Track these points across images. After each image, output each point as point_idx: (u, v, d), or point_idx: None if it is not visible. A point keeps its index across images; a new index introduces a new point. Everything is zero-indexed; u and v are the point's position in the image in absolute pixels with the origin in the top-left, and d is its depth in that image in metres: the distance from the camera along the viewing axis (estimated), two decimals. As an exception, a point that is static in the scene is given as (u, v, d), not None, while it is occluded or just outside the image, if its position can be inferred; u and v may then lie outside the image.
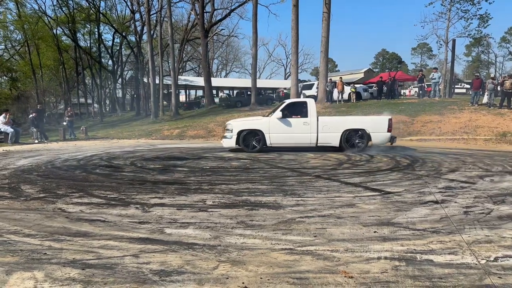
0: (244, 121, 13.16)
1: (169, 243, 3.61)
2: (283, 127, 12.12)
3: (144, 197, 5.72)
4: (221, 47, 68.35)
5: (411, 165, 8.81)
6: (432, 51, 79.94)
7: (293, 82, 26.44)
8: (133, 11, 41.23)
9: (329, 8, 24.30)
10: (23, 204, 5.37)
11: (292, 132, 12.12)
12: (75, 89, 48.26)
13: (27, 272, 2.99)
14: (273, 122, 12.17)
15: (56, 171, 8.68)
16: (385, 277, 2.83)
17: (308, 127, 12.12)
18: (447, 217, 4.40)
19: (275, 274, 2.90)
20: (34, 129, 20.53)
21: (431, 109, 19.51)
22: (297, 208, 4.91)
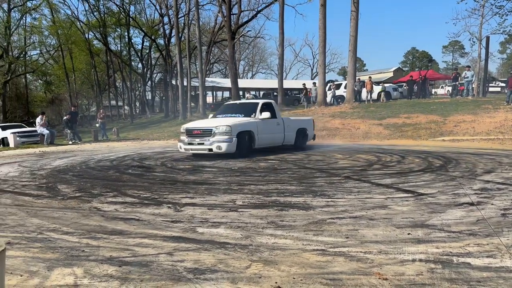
0: (234, 121, 11.30)
1: (201, 242, 3.67)
2: (266, 127, 11.82)
3: (176, 196, 5.83)
4: (247, 49, 68.66)
5: (444, 166, 8.60)
6: (464, 49, 77.62)
7: (320, 82, 26.27)
8: (161, 15, 42.06)
9: (357, 6, 24.01)
10: (61, 203, 5.57)
11: (271, 133, 12.05)
12: (106, 92, 49.57)
13: (67, 268, 3.10)
14: (260, 123, 11.62)
15: (90, 171, 8.95)
16: (420, 279, 2.78)
17: (280, 127, 12.40)
18: (484, 219, 4.27)
19: (307, 275, 2.90)
20: (68, 130, 21.23)
21: (464, 108, 18.96)
22: (327, 209, 4.88)
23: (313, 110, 24.57)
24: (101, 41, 42.81)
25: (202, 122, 12.51)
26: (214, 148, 10.65)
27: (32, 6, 36.99)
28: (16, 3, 36.38)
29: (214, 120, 11.82)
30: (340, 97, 28.41)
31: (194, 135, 11.19)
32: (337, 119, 20.92)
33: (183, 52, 36.15)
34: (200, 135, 11.04)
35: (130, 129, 31.95)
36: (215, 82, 52.59)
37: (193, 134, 11.23)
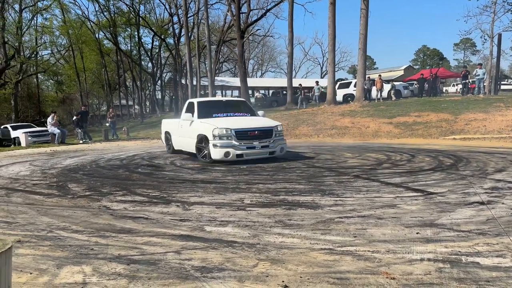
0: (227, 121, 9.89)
1: (209, 241, 3.68)
2: None
3: (184, 195, 5.85)
4: (256, 47, 68.62)
5: (454, 165, 8.51)
6: (476, 46, 76.63)
7: (330, 81, 26.15)
8: (171, 14, 42.25)
9: (367, 4, 23.84)
10: (71, 202, 5.63)
11: None
12: (116, 91, 49.99)
13: (76, 266, 3.14)
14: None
15: (100, 170, 9.03)
16: (428, 279, 2.76)
17: None
18: (494, 219, 4.22)
19: (315, 274, 2.90)
20: (78, 130, 21.45)
21: (475, 106, 18.72)
22: (335, 208, 4.86)
23: (322, 109, 24.47)
24: (111, 41, 43.16)
25: (232, 121, 9.98)
26: (278, 151, 9.79)
27: (43, 7, 37.39)
28: (27, 3, 36.81)
29: (241, 120, 10.44)
30: (350, 96, 28.26)
31: (251, 137, 9.48)
32: (346, 117, 20.81)
33: (193, 52, 36.28)
34: (259, 137, 9.55)
35: (140, 128, 32.16)
36: (225, 81, 52.65)
37: (248, 136, 9.47)
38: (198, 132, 9.95)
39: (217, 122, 9.72)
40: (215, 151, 9.26)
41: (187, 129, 10.64)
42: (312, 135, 19.19)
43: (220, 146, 9.22)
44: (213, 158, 9.36)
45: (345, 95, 28.83)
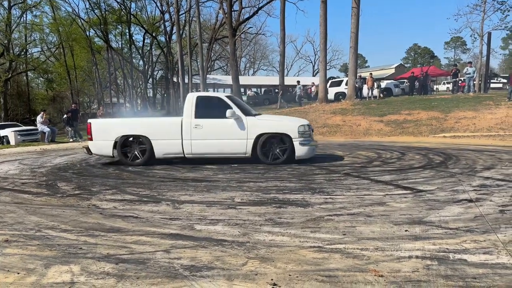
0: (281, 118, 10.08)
1: (199, 239, 3.67)
2: None
3: (175, 194, 5.84)
4: (248, 45, 68.57)
5: (444, 162, 8.58)
6: (466, 45, 77.45)
7: (321, 79, 26.23)
8: (162, 12, 42.01)
9: (359, 3, 23.93)
10: (60, 201, 5.58)
11: None
12: (107, 89, 49.64)
13: (64, 265, 3.11)
14: None
15: (90, 169, 8.97)
16: (416, 276, 2.78)
17: None
18: (481, 216, 4.27)
19: (303, 272, 2.91)
20: (69, 128, 21.27)
21: (465, 105, 18.91)
22: (325, 206, 4.88)
23: (314, 107, 24.54)
24: (102, 39, 42.83)
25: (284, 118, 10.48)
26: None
27: (33, 4, 37.00)
28: (17, 0, 36.37)
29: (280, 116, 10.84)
30: (341, 94, 28.38)
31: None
32: (338, 115, 20.90)
33: (184, 49, 36.12)
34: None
35: (131, 126, 31.96)
36: (217, 79, 52.59)
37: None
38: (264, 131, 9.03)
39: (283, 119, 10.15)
40: (303, 149, 8.95)
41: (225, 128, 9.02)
42: (304, 133, 19.20)
43: (307, 144, 9.05)
44: (298, 156, 9.01)
45: (337, 93, 28.97)
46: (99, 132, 9.38)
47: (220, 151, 9.13)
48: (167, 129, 9.18)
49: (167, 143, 9.14)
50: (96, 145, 9.39)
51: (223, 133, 9.03)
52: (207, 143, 9.04)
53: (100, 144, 9.35)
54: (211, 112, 9.11)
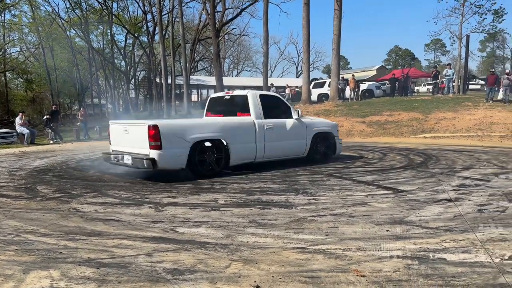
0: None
1: (181, 242, 3.65)
2: None
3: (157, 196, 5.78)
4: (232, 46, 68.44)
5: (424, 163, 8.73)
6: (446, 47, 78.79)
7: (304, 80, 26.36)
8: (145, 12, 41.60)
9: (341, 5, 24.16)
10: (39, 204, 5.47)
11: None
12: (89, 90, 48.88)
13: (43, 271, 3.05)
14: None
15: (71, 171, 8.82)
16: (397, 276, 2.82)
17: None
18: (460, 215, 4.35)
19: (287, 273, 2.92)
20: (49, 130, 20.86)
21: (445, 106, 19.27)
22: (309, 207, 4.91)
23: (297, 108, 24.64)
24: (83, 39, 42.11)
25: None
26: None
27: (11, 3, 36.19)
28: (-6, -1, 35.55)
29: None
30: (324, 95, 28.58)
31: None
32: (321, 117, 21.01)
33: (167, 50, 35.87)
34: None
35: (113, 128, 31.54)
36: (200, 80, 52.36)
37: None
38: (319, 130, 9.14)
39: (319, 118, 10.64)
40: (340, 146, 9.59)
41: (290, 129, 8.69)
42: (287, 134, 19.28)
43: (340, 141, 9.66)
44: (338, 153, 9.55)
45: (320, 95, 29.15)
46: (172, 138, 7.05)
47: (283, 153, 8.72)
48: (243, 131, 8.02)
49: (243, 148, 7.95)
50: (168, 155, 6.96)
51: (288, 134, 8.64)
52: (275, 146, 8.41)
53: (173, 153, 7.05)
54: (275, 112, 8.56)
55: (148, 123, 6.94)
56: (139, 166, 7.07)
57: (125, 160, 7.26)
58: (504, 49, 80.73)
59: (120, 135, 7.68)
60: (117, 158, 7.50)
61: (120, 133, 7.68)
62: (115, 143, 7.85)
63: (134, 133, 7.32)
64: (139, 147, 7.09)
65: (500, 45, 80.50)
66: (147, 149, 6.87)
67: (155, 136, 6.81)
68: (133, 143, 7.29)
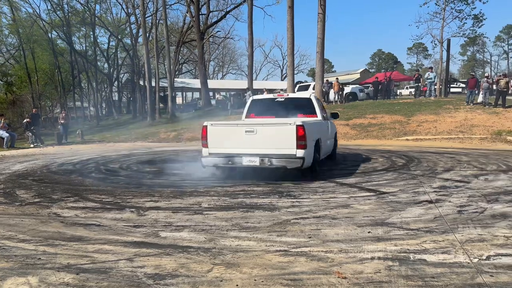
0: None
1: (163, 247, 3.61)
2: None
3: (140, 200, 5.72)
4: (217, 49, 68.37)
5: (406, 165, 8.85)
6: (428, 50, 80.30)
7: (289, 83, 26.46)
8: (128, 14, 41.24)
9: (324, 9, 24.36)
10: (18, 209, 5.36)
11: None
12: (71, 93, 48.12)
13: (21, 277, 2.99)
14: None
15: (51, 176, 8.66)
16: (378, 277, 2.85)
17: None
18: (441, 217, 4.42)
19: (269, 276, 2.91)
20: (29, 133, 20.47)
21: (427, 108, 19.58)
22: (292, 210, 4.92)
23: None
24: (65, 41, 41.47)
25: None
26: None
27: (-10, 4, 35.50)
28: (-27, 0, 34.82)
29: None
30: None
31: None
32: (305, 119, 21.14)
33: (151, 52, 35.62)
34: None
35: (96, 131, 31.14)
36: (185, 82, 52.09)
37: None
38: (335, 130, 10.44)
39: None
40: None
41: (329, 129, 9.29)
42: (272, 137, 19.31)
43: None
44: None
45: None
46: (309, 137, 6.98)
47: (327, 151, 9.18)
48: (325, 130, 8.69)
49: (326, 145, 8.52)
50: (309, 154, 6.92)
51: (329, 133, 9.36)
52: (328, 144, 9.09)
53: (310, 152, 7.01)
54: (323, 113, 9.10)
55: (296, 123, 6.73)
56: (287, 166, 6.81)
57: (246, 162, 6.94)
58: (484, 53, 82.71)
59: (235, 136, 7.18)
60: (231, 160, 7.06)
61: (235, 135, 7.22)
62: (219, 145, 7.25)
63: (267, 134, 6.99)
64: (276, 148, 6.89)
65: (480, 49, 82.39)
66: (292, 149, 6.73)
67: (303, 136, 6.73)
68: (264, 144, 6.95)
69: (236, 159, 6.99)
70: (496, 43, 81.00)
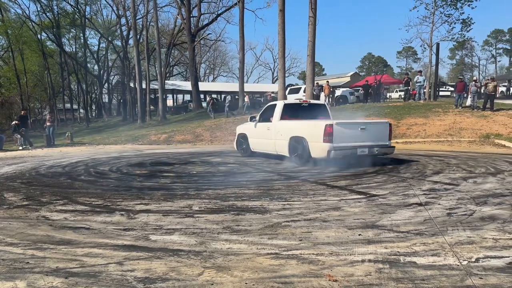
0: None
1: (154, 250, 3.59)
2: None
3: (130, 203, 5.68)
4: (208, 52, 68.36)
5: (396, 167, 8.91)
6: (417, 54, 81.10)
7: (280, 86, 26.50)
8: (119, 16, 41.06)
9: (315, 12, 24.47)
10: (6, 213, 5.28)
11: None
12: (60, 95, 47.71)
13: (8, 281, 2.94)
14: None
15: (40, 178, 8.56)
16: (369, 280, 2.86)
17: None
18: (430, 219, 4.46)
19: (260, 279, 2.91)
20: (17, 135, 20.23)
21: (416, 112, 19.77)
22: (283, 212, 4.92)
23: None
24: (55, 42, 41.17)
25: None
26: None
27: (-21, 5, 35.06)
28: (-39, 1, 34.36)
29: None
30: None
31: None
32: (296, 122, 21.19)
33: (142, 54, 35.46)
34: None
35: (86, 133, 30.89)
36: (176, 85, 51.98)
37: None
38: None
39: None
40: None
41: None
42: (263, 140, 19.32)
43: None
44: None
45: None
46: None
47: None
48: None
49: None
50: None
51: None
52: None
53: None
54: None
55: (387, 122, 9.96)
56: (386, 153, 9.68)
57: (359, 152, 8.94)
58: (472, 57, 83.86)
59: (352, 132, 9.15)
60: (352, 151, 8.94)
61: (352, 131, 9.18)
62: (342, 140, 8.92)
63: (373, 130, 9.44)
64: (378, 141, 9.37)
65: (469, 53, 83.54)
66: (387, 141, 9.55)
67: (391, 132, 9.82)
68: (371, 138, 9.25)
69: (354, 150, 8.92)
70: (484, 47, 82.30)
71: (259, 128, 11.40)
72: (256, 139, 11.71)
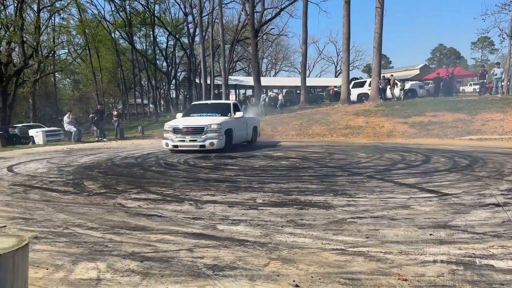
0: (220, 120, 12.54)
1: (221, 239, 3.71)
2: (238, 126, 13.55)
3: (197, 194, 5.90)
4: (270, 46, 68.49)
5: (470, 165, 8.38)
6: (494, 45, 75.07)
7: (344, 80, 25.99)
8: (186, 14, 42.50)
9: (383, 2, 23.63)
10: (86, 199, 5.72)
11: (241, 130, 13.85)
12: (132, 90, 50.48)
13: (91, 262, 3.19)
14: (235, 121, 13.25)
15: (115, 168, 9.16)
16: (441, 281, 2.74)
17: (245, 125, 14.29)
18: (509, 221, 4.15)
19: (326, 274, 2.90)
20: (94, 128, 21.76)
21: (493, 106, 18.40)
22: (348, 209, 4.84)
23: (336, 108, 24.35)
24: (127, 40, 43.60)
25: (187, 120, 12.87)
26: (207, 145, 11.81)
27: (61, 6, 37.85)
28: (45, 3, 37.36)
29: (196, 119, 12.84)
30: (364, 95, 28.06)
31: (184, 133, 12.09)
32: (360, 117, 20.67)
33: (207, 51, 36.45)
34: (191, 133, 12.05)
35: (155, 127, 32.41)
36: (238, 80, 52.74)
37: (182, 132, 12.11)
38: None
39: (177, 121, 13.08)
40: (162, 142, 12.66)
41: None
42: (326, 135, 19.12)
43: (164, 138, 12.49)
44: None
45: (360, 94, 28.64)
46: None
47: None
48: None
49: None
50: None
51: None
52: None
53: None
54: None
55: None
56: None
57: None
58: (558, 47, 76.08)
59: None
60: None
61: None
62: None
63: None
64: None
65: (555, 43, 75.92)
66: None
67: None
68: None
69: None
70: None
71: None
72: None
